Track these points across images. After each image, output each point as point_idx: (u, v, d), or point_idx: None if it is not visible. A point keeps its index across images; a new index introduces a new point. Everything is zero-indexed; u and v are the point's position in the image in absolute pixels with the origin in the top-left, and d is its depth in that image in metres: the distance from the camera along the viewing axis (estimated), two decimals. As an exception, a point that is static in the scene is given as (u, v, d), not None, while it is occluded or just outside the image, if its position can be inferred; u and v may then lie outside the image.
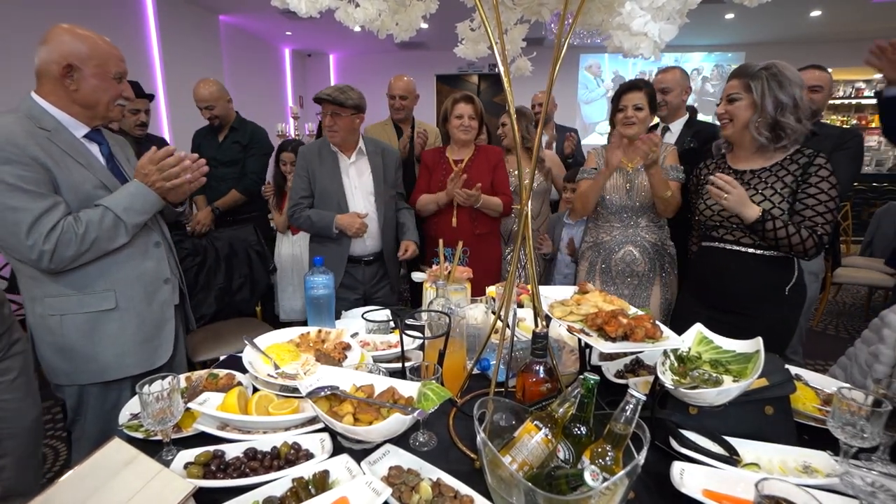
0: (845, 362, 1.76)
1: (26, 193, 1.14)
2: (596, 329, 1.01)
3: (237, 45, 6.22)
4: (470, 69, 7.91)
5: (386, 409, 0.92)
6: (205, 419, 1.01)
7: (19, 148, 1.14)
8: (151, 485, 0.76)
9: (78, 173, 1.24)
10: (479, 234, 2.28)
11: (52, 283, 1.24)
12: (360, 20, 1.13)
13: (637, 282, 1.92)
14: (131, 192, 1.28)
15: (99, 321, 1.29)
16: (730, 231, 1.53)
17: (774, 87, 1.40)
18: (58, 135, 1.23)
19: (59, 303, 1.26)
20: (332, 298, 1.46)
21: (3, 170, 1.12)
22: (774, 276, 1.49)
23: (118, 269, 1.30)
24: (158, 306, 1.39)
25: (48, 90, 1.24)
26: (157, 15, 4.70)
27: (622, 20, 0.94)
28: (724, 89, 1.52)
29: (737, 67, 1.52)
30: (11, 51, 3.28)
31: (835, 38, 6.59)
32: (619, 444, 0.76)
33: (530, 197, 1.06)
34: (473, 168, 2.27)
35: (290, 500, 0.79)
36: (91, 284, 1.27)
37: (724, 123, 1.53)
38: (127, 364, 1.33)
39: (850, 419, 0.84)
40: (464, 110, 2.23)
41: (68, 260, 1.20)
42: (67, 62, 1.21)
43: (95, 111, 1.29)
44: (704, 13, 5.43)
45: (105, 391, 1.34)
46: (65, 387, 1.33)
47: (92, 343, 1.29)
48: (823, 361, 3.23)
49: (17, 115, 1.20)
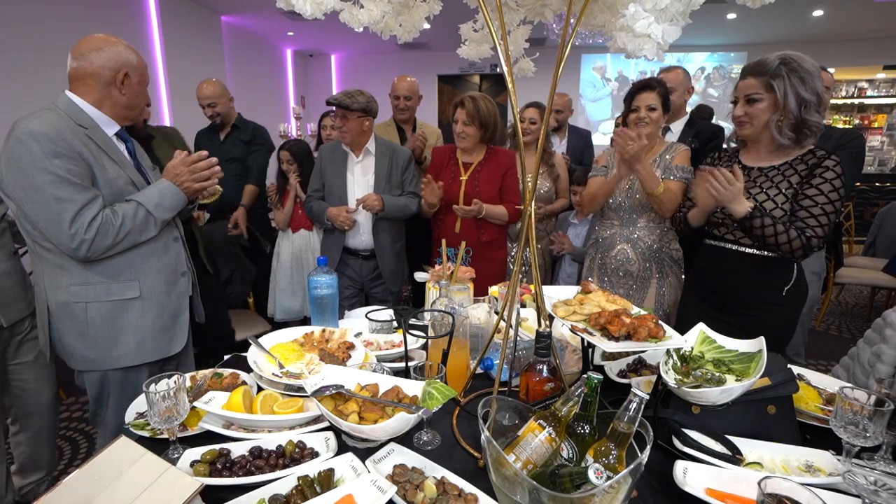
0: (848, 362, 1.77)
1: (72, 185, 1.22)
2: (599, 328, 1.01)
3: (239, 45, 6.23)
4: (472, 69, 7.91)
5: (391, 408, 0.93)
6: (210, 418, 1.01)
7: (67, 143, 1.22)
8: (159, 482, 0.77)
9: (112, 169, 1.32)
10: (486, 242, 2.19)
11: (81, 271, 1.30)
12: (364, 21, 1.14)
13: (632, 282, 1.91)
14: (161, 191, 1.38)
15: (122, 309, 1.36)
16: (731, 230, 1.53)
17: (797, 84, 1.32)
18: (94, 132, 1.31)
19: (85, 291, 1.32)
20: (335, 298, 1.47)
21: (55, 163, 1.20)
22: (774, 276, 1.48)
23: (143, 260, 1.38)
24: (176, 297, 1.48)
25: (89, 90, 1.32)
26: (159, 15, 4.72)
27: (625, 22, 0.95)
28: (739, 88, 1.44)
29: (750, 64, 1.42)
30: (13, 46, 3.30)
31: (837, 37, 6.57)
32: (622, 443, 0.76)
33: (533, 198, 1.06)
34: (483, 173, 2.18)
35: (295, 498, 0.80)
36: (118, 274, 1.35)
37: (742, 125, 1.46)
38: (146, 351, 1.40)
39: (852, 419, 0.84)
40: (458, 115, 2.11)
41: (104, 249, 1.28)
42: (125, 70, 1.34)
43: (133, 112, 1.42)
44: (706, 13, 5.42)
45: (125, 377, 1.40)
46: (86, 373, 1.39)
47: (115, 330, 1.36)
48: (826, 361, 3.22)
49: (57, 111, 1.28)
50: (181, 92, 4.82)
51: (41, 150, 1.18)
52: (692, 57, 7.41)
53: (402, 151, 2.31)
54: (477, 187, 2.16)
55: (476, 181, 2.18)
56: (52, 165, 1.19)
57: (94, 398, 1.42)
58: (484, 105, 2.07)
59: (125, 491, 0.76)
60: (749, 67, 1.43)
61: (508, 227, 2.33)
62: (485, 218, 2.14)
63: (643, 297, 1.89)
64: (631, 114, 1.85)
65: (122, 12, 4.38)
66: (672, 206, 1.78)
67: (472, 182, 2.18)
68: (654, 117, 1.80)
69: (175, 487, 0.76)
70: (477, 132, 2.11)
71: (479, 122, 2.08)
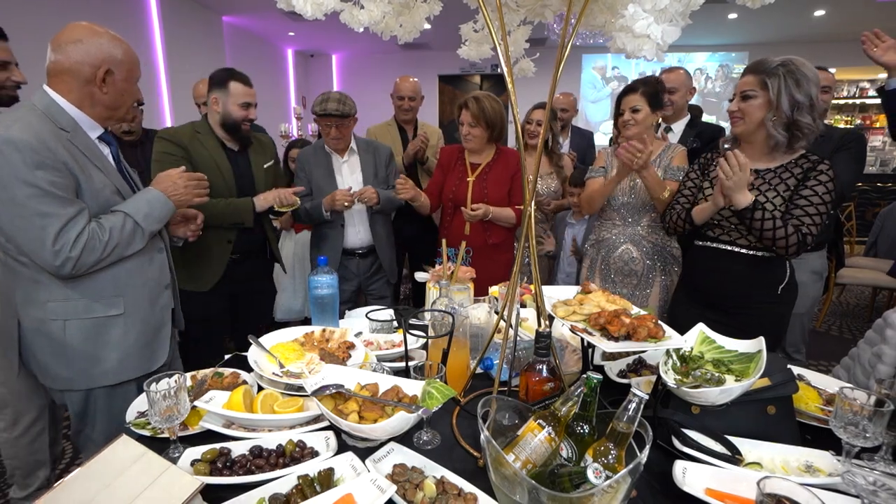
0: (848, 363, 1.77)
1: (56, 199, 1.11)
2: (599, 328, 1.02)
3: (240, 45, 6.24)
4: (472, 69, 7.92)
5: (390, 408, 0.93)
6: (211, 417, 1.02)
7: (51, 152, 1.11)
8: (159, 481, 0.77)
9: (98, 179, 1.22)
10: (493, 244, 2.16)
11: (59, 287, 1.20)
12: (364, 22, 1.14)
13: (636, 281, 1.92)
14: (150, 200, 1.29)
15: (104, 326, 1.27)
16: (726, 231, 1.53)
17: (791, 86, 1.36)
18: (76, 136, 1.20)
19: (63, 308, 1.22)
20: (335, 298, 1.47)
21: (38, 175, 1.09)
22: (767, 275, 1.50)
23: (127, 274, 1.29)
24: (159, 311, 1.39)
25: (69, 88, 1.20)
26: (160, 15, 4.73)
27: (625, 22, 0.95)
28: (738, 85, 1.48)
29: (752, 63, 1.47)
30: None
31: (838, 37, 6.56)
32: (621, 443, 0.76)
33: (533, 198, 1.06)
34: (491, 174, 2.14)
35: (295, 497, 0.80)
36: (101, 290, 1.25)
37: (735, 121, 1.50)
38: (128, 367, 1.31)
39: (852, 419, 0.84)
40: (463, 117, 2.08)
41: (89, 266, 1.18)
42: (107, 67, 1.20)
43: (116, 113, 1.30)
44: (707, 13, 5.41)
45: (111, 393, 1.31)
46: (66, 392, 1.29)
47: (95, 347, 1.26)
48: (826, 362, 3.22)
49: (36, 112, 1.16)
50: (182, 92, 4.83)
51: (22, 161, 1.07)
52: (693, 57, 7.40)
53: (382, 147, 2.35)
54: (485, 189, 2.12)
55: (484, 182, 2.14)
56: (34, 177, 1.08)
57: (78, 416, 1.31)
58: (489, 105, 2.04)
59: (126, 489, 0.76)
60: (750, 66, 1.47)
61: (516, 229, 2.28)
62: (491, 220, 2.11)
63: (647, 295, 1.90)
64: (618, 118, 1.89)
65: (123, 12, 4.39)
66: None
67: (480, 183, 2.14)
68: (638, 118, 1.82)
69: (175, 486, 0.76)
70: (483, 132, 2.07)
71: (484, 122, 2.04)
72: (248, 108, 1.93)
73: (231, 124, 1.92)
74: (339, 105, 2.07)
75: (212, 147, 1.93)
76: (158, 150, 1.86)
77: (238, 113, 1.91)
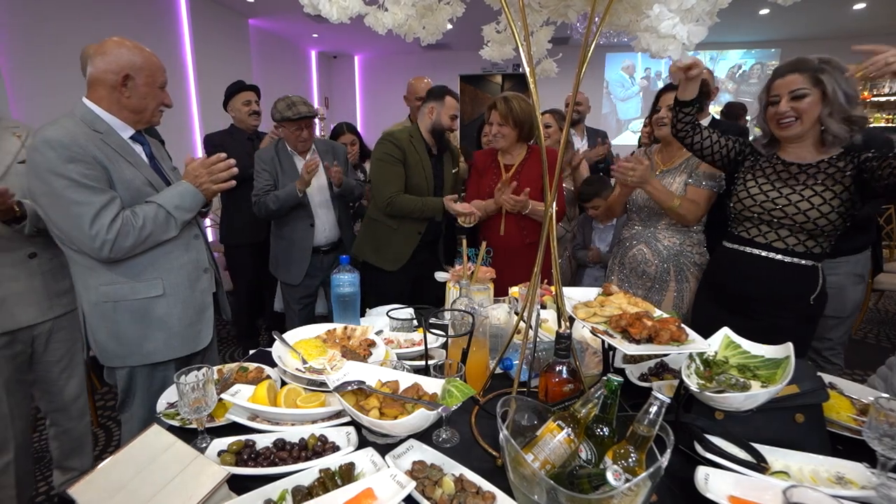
0: (885, 372, 1.69)
1: (88, 189, 1.25)
2: (620, 331, 1.01)
3: (265, 47, 6.37)
4: (494, 69, 7.88)
5: (411, 405, 0.94)
6: (236, 409, 1.05)
7: (82, 148, 1.25)
8: (188, 469, 0.81)
9: (129, 171, 1.35)
10: (530, 244, 2.14)
11: (106, 272, 1.35)
12: (388, 25, 1.16)
13: (650, 283, 1.88)
14: (181, 192, 1.42)
15: (148, 307, 1.40)
16: (763, 234, 1.48)
17: (841, 80, 1.34)
18: (109, 136, 1.34)
19: (112, 291, 1.36)
20: (357, 296, 1.49)
21: (69, 168, 1.23)
22: (800, 283, 1.45)
23: (165, 258, 1.42)
24: (200, 293, 1.51)
25: (100, 96, 1.34)
26: (190, 19, 4.87)
27: (650, 22, 0.94)
28: (780, 86, 1.41)
29: (788, 63, 1.41)
30: (46, 51, 3.46)
31: (879, 31, 6.27)
32: (642, 446, 0.75)
33: (554, 198, 1.06)
34: (524, 172, 2.14)
35: (317, 489, 0.82)
36: (141, 273, 1.38)
37: (787, 123, 1.41)
38: (174, 347, 1.45)
39: (888, 430, 0.81)
40: (492, 118, 2.10)
41: (126, 250, 1.31)
42: (126, 73, 1.33)
43: (142, 116, 1.42)
44: (736, 9, 5.25)
45: (152, 372, 1.45)
46: (116, 369, 1.44)
47: (143, 327, 1.40)
48: (862, 371, 3.09)
49: (74, 119, 1.31)
50: (210, 93, 4.97)
51: (56, 156, 1.22)
52: (726, 55, 7.20)
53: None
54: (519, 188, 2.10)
55: (518, 181, 2.11)
56: (67, 170, 1.22)
57: (123, 390, 1.46)
58: (517, 104, 2.05)
59: (157, 476, 0.80)
60: (788, 65, 1.41)
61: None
62: (529, 215, 2.10)
63: (661, 299, 1.86)
64: (655, 113, 1.87)
65: (154, 17, 4.54)
66: (693, 216, 1.76)
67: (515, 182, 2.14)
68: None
69: (203, 475, 0.79)
70: (512, 132, 2.09)
71: (512, 121, 2.06)
72: (454, 119, 2.19)
73: (439, 131, 2.19)
74: (308, 107, 2.26)
75: (421, 150, 2.19)
76: (381, 150, 2.14)
77: (447, 123, 2.17)
